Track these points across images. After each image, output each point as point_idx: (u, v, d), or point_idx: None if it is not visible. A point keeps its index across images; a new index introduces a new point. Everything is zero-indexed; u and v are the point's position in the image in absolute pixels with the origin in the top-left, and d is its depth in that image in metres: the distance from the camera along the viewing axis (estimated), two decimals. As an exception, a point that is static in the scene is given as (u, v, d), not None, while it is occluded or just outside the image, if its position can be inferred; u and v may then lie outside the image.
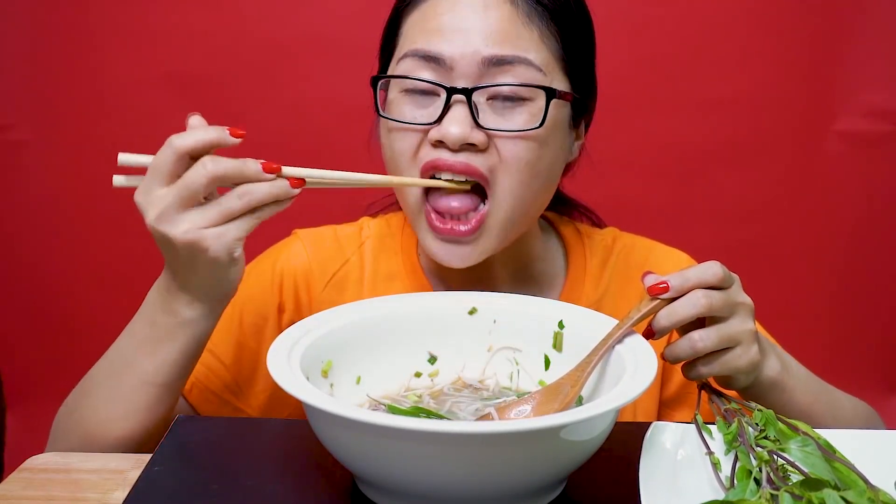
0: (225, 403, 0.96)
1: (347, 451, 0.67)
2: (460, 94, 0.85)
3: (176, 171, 0.74)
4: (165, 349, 0.81)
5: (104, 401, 0.84)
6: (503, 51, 0.85)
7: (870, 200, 1.72)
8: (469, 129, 0.85)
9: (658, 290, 0.77)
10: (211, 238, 0.73)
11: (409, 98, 0.88)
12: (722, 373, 0.79)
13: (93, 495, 0.74)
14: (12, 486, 0.75)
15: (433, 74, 0.86)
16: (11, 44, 1.66)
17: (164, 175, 0.74)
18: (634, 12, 1.63)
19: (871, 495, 0.61)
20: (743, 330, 0.78)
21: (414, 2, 0.90)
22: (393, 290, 1.00)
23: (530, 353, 0.85)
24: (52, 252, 1.74)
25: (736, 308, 0.77)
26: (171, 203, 0.73)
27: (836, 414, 0.90)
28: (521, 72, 0.86)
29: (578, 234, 1.06)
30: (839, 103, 1.67)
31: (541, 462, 0.65)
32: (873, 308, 1.78)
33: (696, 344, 0.76)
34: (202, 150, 0.74)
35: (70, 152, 1.70)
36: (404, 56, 0.88)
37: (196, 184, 0.73)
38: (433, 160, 0.87)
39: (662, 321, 0.76)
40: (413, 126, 0.87)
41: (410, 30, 0.89)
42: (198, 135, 0.74)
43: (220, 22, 1.64)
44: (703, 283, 0.76)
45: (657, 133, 1.69)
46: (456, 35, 0.85)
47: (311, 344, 0.76)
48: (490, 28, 0.85)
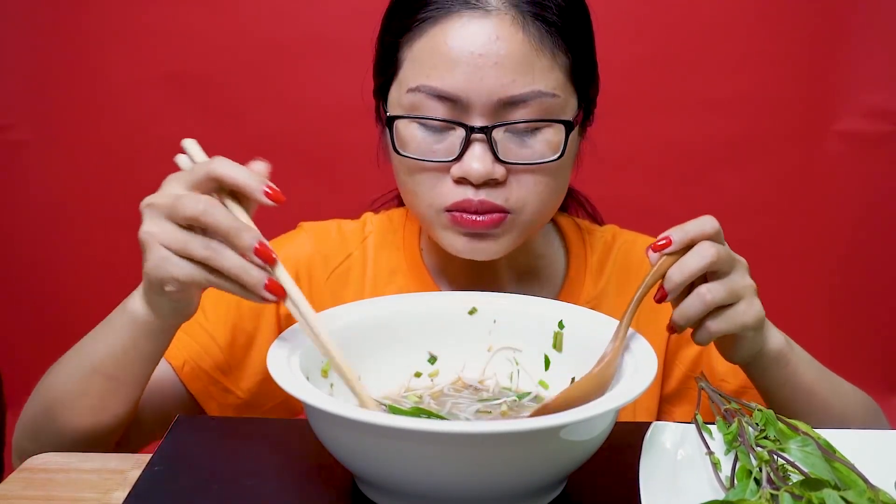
0: (214, 382, 0.95)
1: (347, 451, 0.67)
2: (480, 133, 0.84)
3: (198, 184, 0.72)
4: (113, 338, 0.80)
5: (63, 376, 0.84)
6: (519, 89, 0.84)
7: (870, 200, 1.72)
8: (491, 165, 0.85)
9: (661, 246, 0.77)
10: (155, 255, 0.71)
11: (423, 132, 0.87)
12: (730, 329, 0.78)
13: (93, 495, 0.74)
14: (12, 486, 0.75)
15: (448, 110, 0.85)
16: (11, 44, 1.66)
17: (187, 183, 0.72)
18: (635, 12, 1.64)
19: (871, 495, 0.61)
20: (745, 284, 0.78)
21: (417, 28, 0.86)
22: (395, 285, 1.01)
23: (530, 353, 0.85)
24: (52, 252, 1.74)
25: (735, 263, 0.78)
26: (163, 204, 0.71)
27: (838, 393, 0.90)
28: (536, 105, 0.85)
29: (579, 230, 1.06)
30: (839, 103, 1.68)
31: (541, 462, 0.65)
32: (873, 308, 1.78)
33: (706, 296, 0.76)
34: (230, 186, 0.72)
35: (70, 152, 1.70)
36: (416, 90, 0.86)
37: (183, 210, 0.70)
38: (459, 202, 0.86)
39: (675, 276, 0.76)
40: (433, 162, 0.87)
41: (417, 59, 0.86)
42: (237, 172, 0.71)
43: (220, 22, 1.65)
44: (704, 235, 0.77)
45: (657, 133, 1.69)
46: (470, 71, 0.83)
47: (312, 344, 0.76)
48: (503, 63, 0.83)
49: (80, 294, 1.73)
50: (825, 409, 0.88)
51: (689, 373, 1.02)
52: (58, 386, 0.85)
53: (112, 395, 0.83)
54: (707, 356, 1.00)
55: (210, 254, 0.69)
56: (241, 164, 0.73)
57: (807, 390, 0.86)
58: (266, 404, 0.99)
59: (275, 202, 0.71)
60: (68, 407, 0.83)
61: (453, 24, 0.84)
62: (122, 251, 1.72)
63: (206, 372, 0.95)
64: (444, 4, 0.85)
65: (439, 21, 0.85)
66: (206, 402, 0.95)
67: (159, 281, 0.72)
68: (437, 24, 0.85)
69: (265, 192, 0.70)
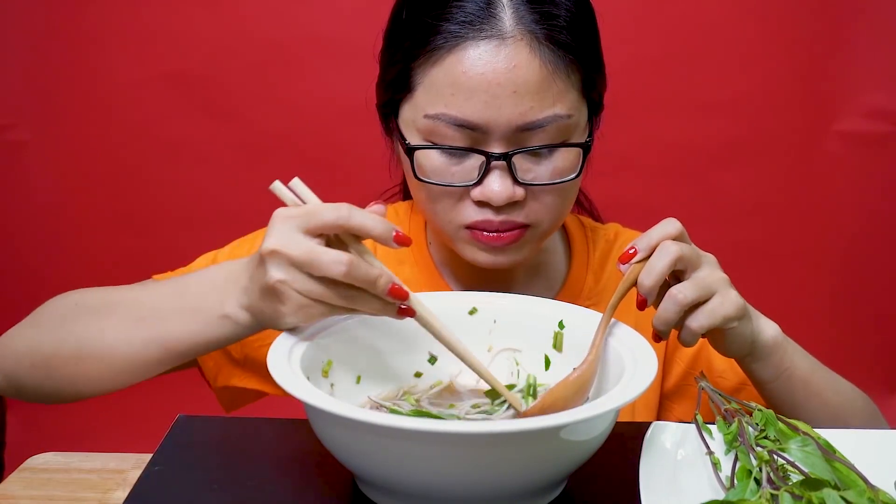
0: (226, 352, 0.97)
1: (347, 451, 0.67)
2: (500, 161, 0.85)
3: (326, 231, 0.72)
4: (195, 328, 0.80)
5: (114, 330, 0.83)
6: (536, 115, 0.84)
7: (870, 200, 1.72)
8: (511, 189, 0.85)
9: (628, 257, 0.79)
10: (292, 303, 0.72)
11: (441, 157, 0.87)
12: (712, 324, 0.78)
13: (93, 495, 0.74)
14: (12, 486, 0.76)
15: (467, 138, 0.85)
16: (11, 44, 1.66)
17: (314, 227, 0.72)
18: (635, 12, 1.64)
19: (871, 495, 0.61)
20: (716, 278, 0.79)
21: (432, 55, 0.85)
22: (402, 274, 1.00)
23: (530, 353, 0.85)
24: (52, 252, 1.74)
25: (702, 258, 0.79)
26: (293, 256, 0.71)
27: (836, 387, 0.91)
28: (553, 128, 0.85)
29: (582, 227, 1.07)
30: (839, 103, 1.68)
31: (541, 462, 0.65)
32: (873, 308, 1.78)
33: (678, 297, 0.77)
34: (363, 235, 0.73)
35: (70, 152, 1.70)
36: (434, 117, 0.85)
37: (320, 267, 0.71)
38: (479, 221, 0.88)
39: (645, 280, 0.77)
40: (453, 187, 0.87)
41: (433, 85, 0.86)
42: (370, 223, 0.72)
43: (219, 22, 1.65)
44: (667, 236, 0.79)
45: (658, 133, 1.69)
46: (488, 100, 0.83)
47: (312, 344, 0.76)
48: (521, 90, 0.83)
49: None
50: (823, 402, 0.88)
51: (688, 370, 1.02)
52: (104, 339, 0.83)
53: (163, 366, 0.83)
54: (705, 353, 1.00)
55: (348, 303, 0.73)
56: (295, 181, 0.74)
57: (803, 381, 0.86)
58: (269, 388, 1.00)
59: (402, 245, 0.74)
60: (108, 362, 0.83)
61: (469, 54, 0.83)
62: (122, 251, 1.73)
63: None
64: (459, 33, 0.84)
65: (455, 50, 0.84)
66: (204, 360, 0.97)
67: (295, 323, 0.74)
68: (452, 52, 0.84)
69: (394, 237, 0.73)
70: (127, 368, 0.83)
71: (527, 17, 0.84)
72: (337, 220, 0.71)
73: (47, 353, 0.86)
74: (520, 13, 0.84)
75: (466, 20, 0.84)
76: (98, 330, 0.84)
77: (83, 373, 0.84)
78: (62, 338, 0.86)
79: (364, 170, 1.01)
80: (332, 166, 1.66)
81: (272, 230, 0.72)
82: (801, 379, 0.86)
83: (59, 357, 0.85)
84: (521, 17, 0.84)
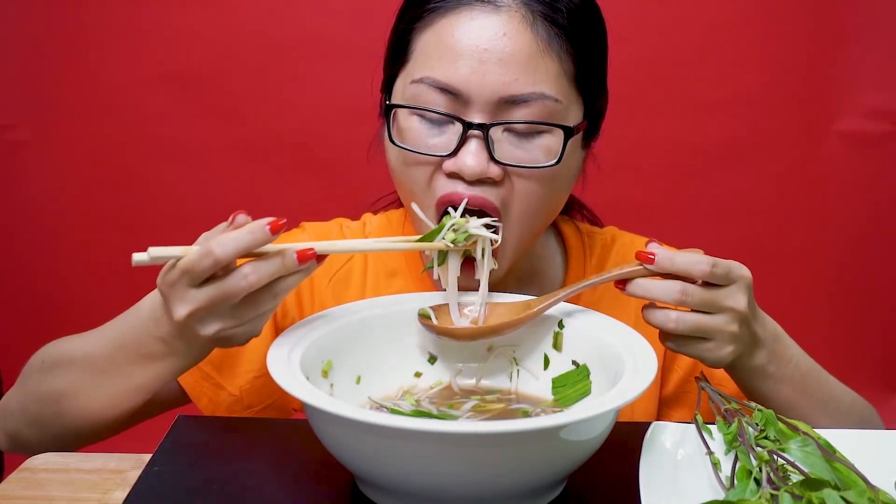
0: (206, 377, 0.95)
1: (347, 451, 0.67)
2: (477, 130, 0.84)
3: (210, 275, 0.71)
4: (158, 367, 0.80)
5: (86, 390, 0.83)
6: (521, 88, 0.83)
7: (869, 200, 1.72)
8: (486, 164, 0.84)
9: (643, 258, 0.79)
10: (240, 335, 0.74)
11: (421, 124, 0.86)
12: (689, 355, 0.81)
13: (92, 495, 0.74)
14: (12, 486, 0.75)
15: (448, 104, 0.84)
16: (11, 44, 1.66)
17: (198, 278, 0.71)
18: (635, 13, 1.64)
19: (871, 495, 0.61)
20: (723, 330, 0.79)
21: (427, 18, 0.85)
22: (394, 286, 1.00)
23: (530, 353, 0.85)
24: (51, 252, 1.74)
25: (721, 310, 0.78)
26: (204, 305, 0.71)
27: (826, 410, 0.90)
28: (538, 107, 0.84)
29: (578, 233, 1.06)
30: (839, 103, 1.68)
31: (541, 462, 0.65)
32: (873, 308, 1.78)
33: (668, 323, 0.78)
34: (241, 255, 0.72)
35: (70, 152, 1.70)
36: (419, 81, 0.85)
37: (235, 294, 0.70)
38: (449, 194, 0.85)
39: (637, 290, 0.79)
40: (428, 156, 0.86)
41: (424, 50, 0.86)
42: (239, 242, 0.70)
43: (219, 22, 1.65)
44: (687, 275, 0.78)
45: (658, 133, 1.69)
46: (474, 66, 0.82)
47: (311, 344, 0.76)
48: (508, 60, 0.82)
49: (80, 294, 1.73)
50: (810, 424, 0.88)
51: (686, 377, 1.02)
52: (78, 398, 0.84)
53: (144, 399, 0.83)
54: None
55: (277, 296, 0.72)
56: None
57: (787, 406, 0.86)
58: (258, 405, 0.98)
59: (276, 231, 0.71)
60: (93, 418, 0.84)
61: (461, 17, 0.84)
62: (122, 251, 1.72)
63: (197, 367, 0.95)
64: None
65: (448, 13, 0.84)
66: (199, 398, 0.95)
67: (252, 338, 0.75)
68: (445, 15, 0.84)
69: (268, 232, 0.71)
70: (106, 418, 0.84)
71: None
72: (216, 261, 0.69)
73: (34, 412, 0.87)
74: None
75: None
76: (69, 376, 0.84)
77: (72, 426, 0.85)
78: (41, 396, 0.87)
79: (364, 170, 1.01)
80: (331, 166, 1.66)
81: (170, 300, 0.72)
82: (783, 402, 0.86)
83: (45, 415, 0.86)
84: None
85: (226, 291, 0.70)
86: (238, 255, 0.70)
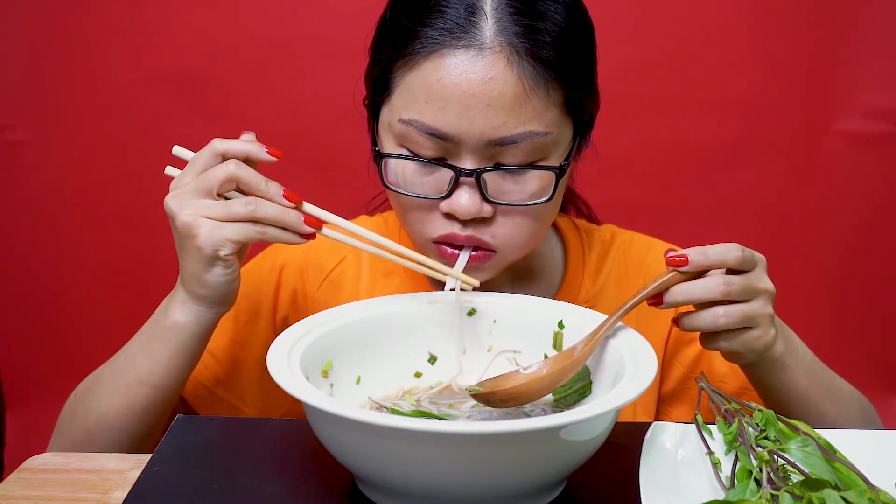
0: (218, 400, 0.96)
1: (347, 451, 0.67)
2: (469, 177, 0.83)
3: (207, 165, 0.79)
4: (158, 349, 0.84)
5: (105, 396, 0.86)
6: (510, 131, 0.82)
7: (870, 200, 1.72)
8: (479, 205, 0.84)
9: (676, 262, 0.77)
10: (204, 227, 0.77)
11: (413, 166, 0.86)
12: (739, 350, 0.80)
13: (92, 495, 0.74)
14: (12, 486, 0.75)
15: (437, 146, 0.84)
16: (11, 44, 1.66)
17: (197, 168, 0.79)
18: (634, 13, 1.63)
19: (871, 495, 0.61)
20: (763, 313, 0.79)
21: (410, 59, 0.84)
22: (390, 287, 1.00)
23: (530, 354, 0.85)
24: (51, 252, 1.74)
25: (757, 293, 0.79)
26: (188, 188, 0.78)
27: (836, 399, 0.91)
28: (527, 145, 0.83)
29: (577, 230, 1.06)
30: (839, 103, 1.67)
31: (541, 462, 0.65)
32: (873, 308, 1.78)
33: (719, 319, 0.77)
34: (236, 156, 0.80)
35: (70, 152, 1.70)
36: (407, 122, 0.84)
37: (214, 178, 0.78)
38: (445, 235, 0.86)
39: (678, 296, 0.77)
40: (422, 198, 0.86)
41: (409, 88, 0.84)
42: (237, 143, 0.81)
43: (219, 22, 1.64)
44: (723, 264, 0.77)
45: (657, 133, 1.69)
46: (461, 111, 0.81)
47: (311, 344, 0.76)
48: (495, 104, 0.81)
49: (80, 294, 1.73)
50: (819, 414, 0.89)
51: (687, 374, 1.02)
52: (100, 409, 0.86)
53: (156, 405, 0.85)
54: (707, 357, 1.00)
55: (252, 208, 0.78)
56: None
57: (800, 394, 0.87)
58: (274, 416, 0.98)
59: (276, 158, 0.82)
60: (114, 424, 0.85)
61: (446, 62, 0.82)
62: (122, 251, 1.72)
63: (205, 388, 0.95)
64: (437, 39, 0.82)
65: (432, 56, 0.82)
66: None
67: (214, 248, 0.77)
68: (429, 58, 0.82)
69: (266, 151, 0.81)
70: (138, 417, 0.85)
71: (509, 28, 0.81)
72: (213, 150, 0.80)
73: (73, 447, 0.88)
74: (502, 24, 0.81)
75: (446, 27, 0.82)
76: (99, 405, 0.87)
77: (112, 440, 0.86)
78: (76, 432, 0.89)
79: (363, 170, 1.01)
80: (331, 166, 1.66)
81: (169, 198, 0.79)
82: (796, 392, 0.87)
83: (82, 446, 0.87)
84: (502, 28, 0.81)
85: (207, 175, 0.78)
86: (234, 153, 0.80)
